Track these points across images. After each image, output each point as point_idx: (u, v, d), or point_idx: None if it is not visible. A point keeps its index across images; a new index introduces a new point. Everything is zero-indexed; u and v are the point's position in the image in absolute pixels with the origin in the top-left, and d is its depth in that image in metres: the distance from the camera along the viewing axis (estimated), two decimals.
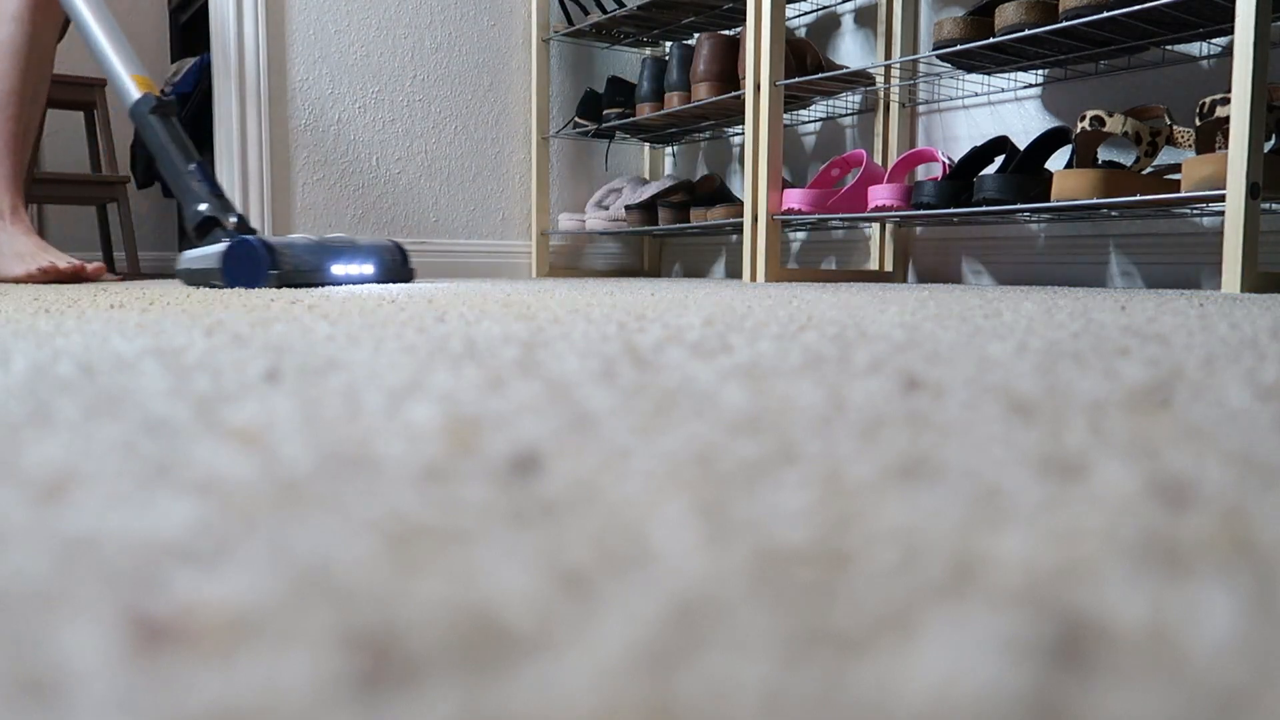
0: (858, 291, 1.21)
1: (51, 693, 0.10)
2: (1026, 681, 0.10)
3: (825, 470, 0.20)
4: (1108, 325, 0.58)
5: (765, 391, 0.30)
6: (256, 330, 0.52)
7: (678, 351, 0.42)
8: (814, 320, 0.62)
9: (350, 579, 0.13)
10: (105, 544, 0.14)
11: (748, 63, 1.75)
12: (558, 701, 0.09)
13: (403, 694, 0.10)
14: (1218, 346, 0.45)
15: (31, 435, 0.23)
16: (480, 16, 2.25)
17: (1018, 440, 0.23)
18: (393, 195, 2.18)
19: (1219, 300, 0.95)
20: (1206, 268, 1.50)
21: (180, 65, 2.52)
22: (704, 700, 0.09)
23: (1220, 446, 0.22)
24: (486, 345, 0.44)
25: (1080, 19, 1.34)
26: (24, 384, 0.31)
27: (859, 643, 0.11)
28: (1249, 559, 0.14)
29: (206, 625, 0.11)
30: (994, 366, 0.37)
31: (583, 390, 0.30)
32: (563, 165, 2.38)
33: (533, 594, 0.12)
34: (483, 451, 0.21)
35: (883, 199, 1.64)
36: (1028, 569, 0.14)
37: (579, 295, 1.02)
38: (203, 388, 0.31)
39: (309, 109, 2.07)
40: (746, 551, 0.14)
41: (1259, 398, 0.29)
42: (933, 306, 0.80)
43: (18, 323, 0.59)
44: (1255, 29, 1.14)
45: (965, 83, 1.79)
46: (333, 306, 0.76)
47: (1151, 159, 1.37)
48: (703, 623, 0.12)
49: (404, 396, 0.29)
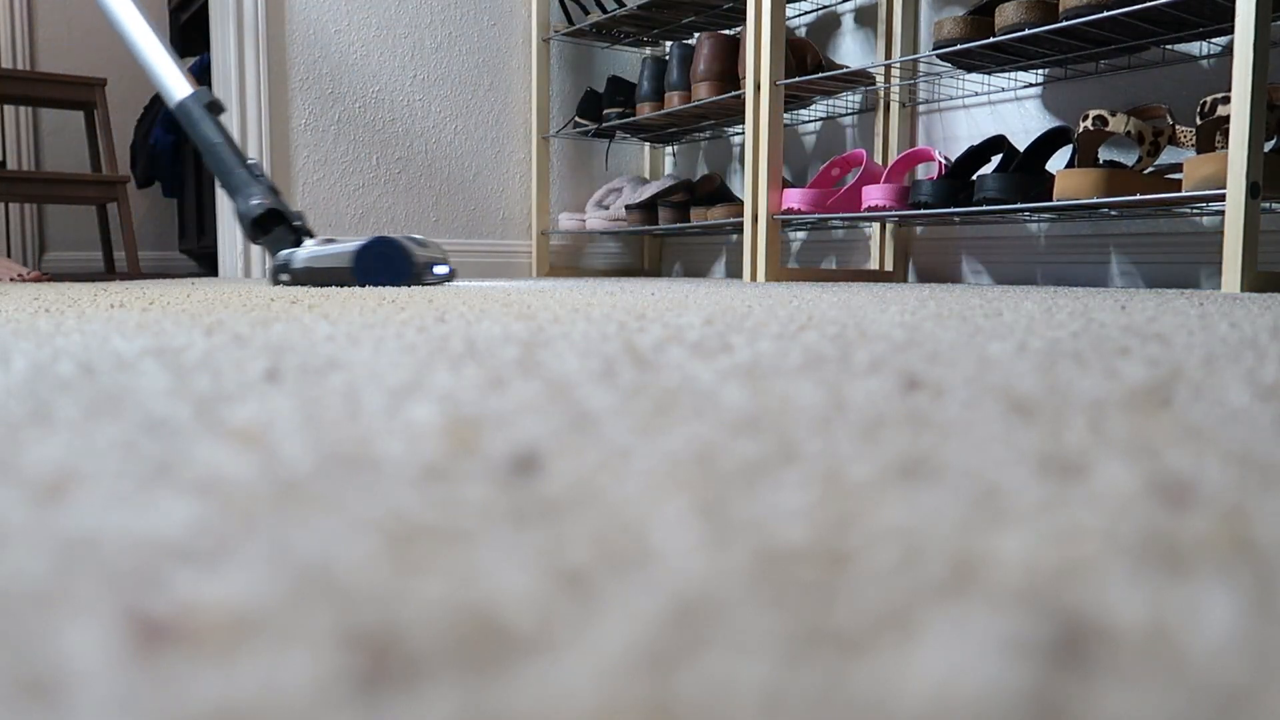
0: (858, 291, 1.21)
1: (52, 693, 0.10)
2: (1026, 681, 0.10)
3: (825, 470, 0.20)
4: (1108, 325, 0.58)
5: (765, 391, 0.30)
6: (256, 330, 0.52)
7: (678, 351, 0.42)
8: (814, 320, 0.62)
9: (350, 579, 0.13)
10: (105, 544, 0.14)
11: (748, 62, 1.75)
12: (558, 701, 0.09)
13: (403, 694, 0.10)
14: (1218, 346, 0.45)
15: (31, 435, 0.23)
16: (480, 16, 2.25)
17: (1018, 440, 0.23)
18: (393, 195, 2.18)
19: (1219, 300, 0.95)
20: (1206, 267, 1.50)
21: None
22: (704, 700, 0.09)
23: (1220, 446, 0.22)
24: (487, 345, 0.44)
25: (1080, 18, 1.34)
26: (24, 384, 0.31)
27: (859, 643, 0.11)
28: (1249, 559, 0.14)
29: (207, 625, 0.11)
30: (994, 366, 0.37)
31: (583, 390, 0.30)
32: (563, 165, 2.38)
33: (533, 594, 0.12)
34: (483, 451, 0.21)
35: (877, 199, 1.63)
36: (1028, 569, 0.14)
37: (579, 295, 1.02)
38: (203, 387, 0.31)
39: (309, 108, 2.07)
40: (746, 551, 0.14)
41: (1259, 397, 0.29)
42: (933, 306, 0.80)
43: (18, 322, 0.59)
44: (1255, 29, 1.14)
45: (965, 82, 1.79)
46: (333, 306, 0.76)
47: (1153, 159, 1.37)
48: (703, 623, 0.12)
49: (404, 396, 0.29)
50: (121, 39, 1.51)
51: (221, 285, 1.40)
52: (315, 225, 2.10)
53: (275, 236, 1.36)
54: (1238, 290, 1.17)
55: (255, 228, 1.36)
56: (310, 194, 2.09)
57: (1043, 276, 1.72)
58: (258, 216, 1.35)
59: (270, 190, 1.38)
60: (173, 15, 2.87)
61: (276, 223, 1.37)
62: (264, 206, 1.35)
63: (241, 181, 1.38)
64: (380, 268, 1.28)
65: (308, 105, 2.07)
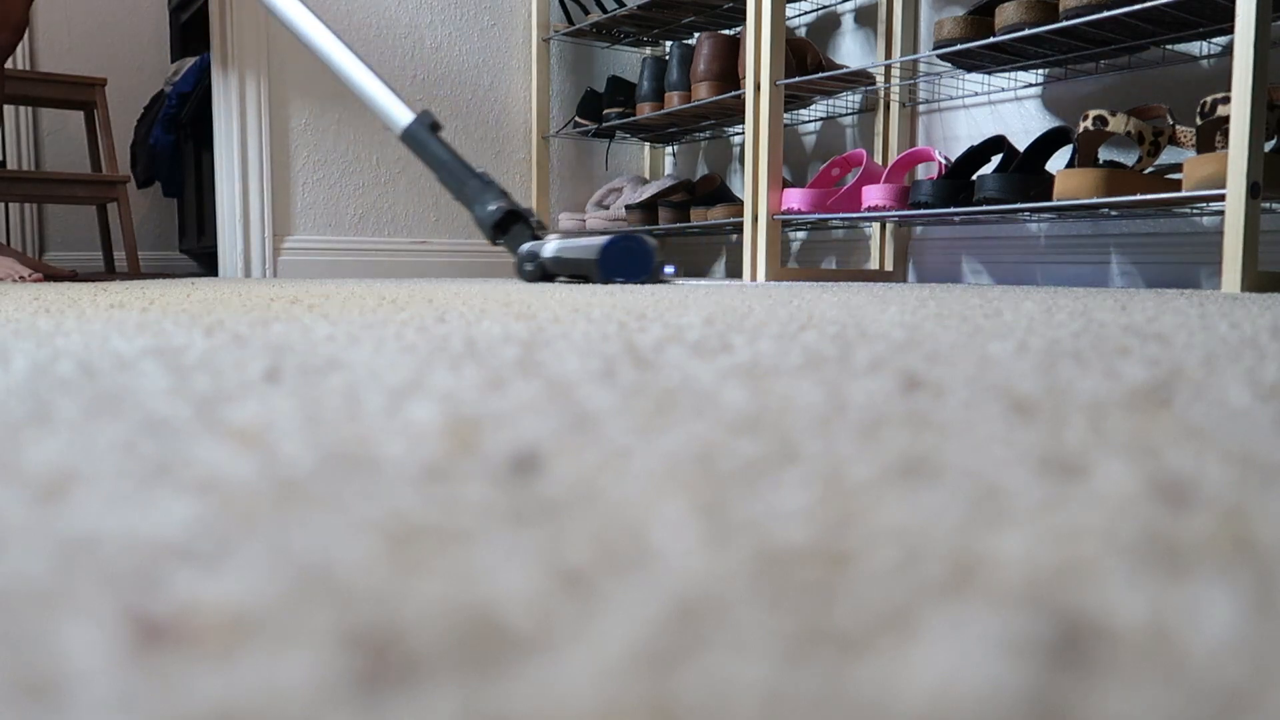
0: (858, 291, 1.21)
1: (51, 693, 0.10)
2: (1026, 681, 0.10)
3: (825, 470, 0.20)
4: (1108, 325, 0.58)
5: (766, 391, 0.30)
6: (256, 330, 0.52)
7: (678, 351, 0.42)
8: (814, 320, 0.62)
9: (350, 579, 0.13)
10: (105, 544, 0.14)
11: (748, 62, 1.75)
12: (558, 701, 0.09)
13: (403, 694, 0.10)
14: (1218, 346, 0.45)
15: (31, 435, 0.23)
16: (480, 16, 2.25)
17: (1018, 440, 0.23)
18: (393, 195, 2.18)
19: (1219, 300, 0.95)
20: (1206, 267, 1.50)
21: (180, 65, 2.52)
22: (704, 700, 0.09)
23: (1220, 446, 0.22)
24: (487, 345, 0.44)
25: (1080, 18, 1.34)
26: (24, 383, 0.31)
27: (859, 643, 0.11)
28: (1249, 559, 0.14)
29: (206, 625, 0.11)
30: (994, 366, 0.37)
31: (583, 390, 0.30)
32: (563, 165, 2.38)
33: (533, 594, 0.12)
34: (483, 451, 0.21)
35: (876, 199, 1.64)
36: (1028, 569, 0.14)
37: (579, 295, 1.02)
38: (203, 387, 0.31)
39: (309, 108, 2.07)
40: (747, 551, 0.14)
41: (1259, 397, 0.29)
42: (933, 306, 0.80)
43: (18, 322, 0.59)
44: (1255, 29, 1.14)
45: (965, 82, 1.79)
46: (333, 306, 0.76)
47: (1154, 159, 1.37)
48: (703, 623, 0.12)
49: (404, 396, 0.29)
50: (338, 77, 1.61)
51: (221, 285, 1.40)
52: (315, 225, 2.10)
53: (514, 234, 1.47)
54: (1238, 290, 1.17)
55: (496, 229, 1.47)
56: (310, 194, 2.09)
57: (1043, 276, 1.72)
58: (497, 220, 1.47)
59: (502, 194, 1.49)
60: (173, 15, 2.87)
61: (514, 222, 1.47)
62: (501, 210, 1.46)
63: (475, 191, 1.50)
64: (625, 263, 1.32)
65: (308, 105, 2.07)
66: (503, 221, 1.48)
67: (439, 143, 1.53)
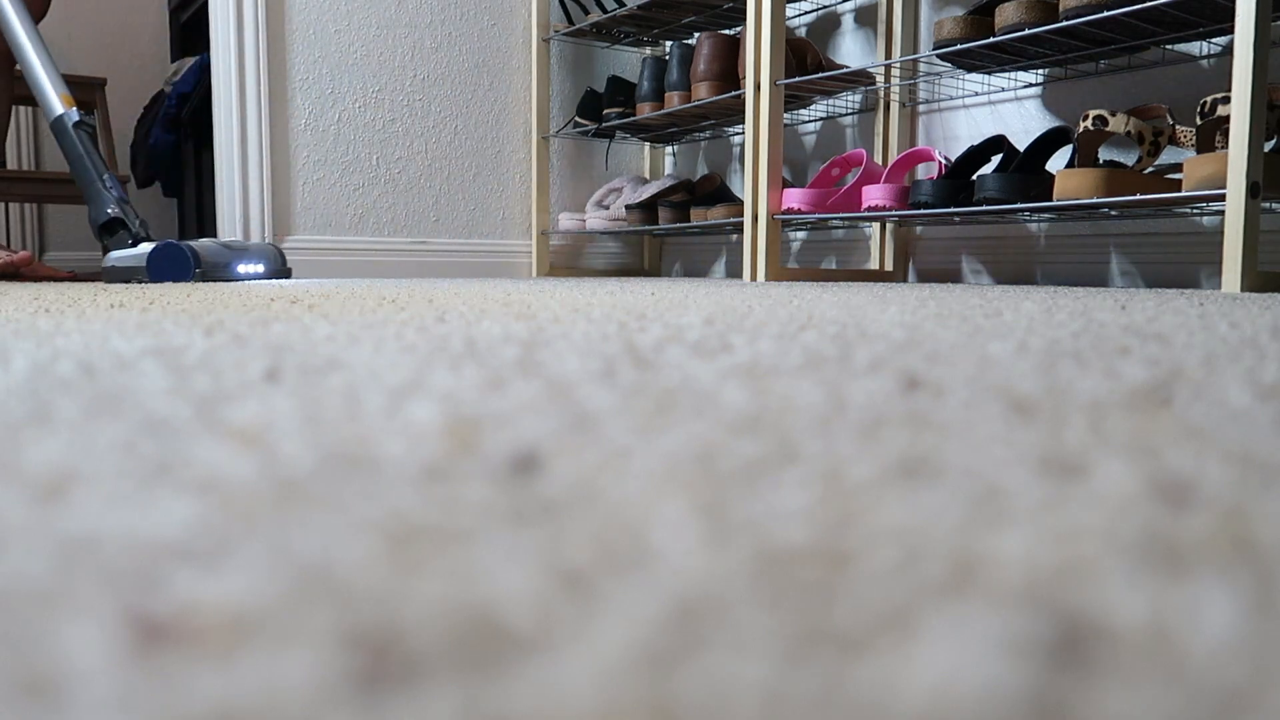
0: (858, 291, 1.21)
1: (51, 693, 0.10)
2: (1026, 681, 0.10)
3: (825, 470, 0.20)
4: (1108, 325, 0.58)
5: (766, 391, 0.30)
6: (256, 330, 0.52)
7: (678, 351, 0.42)
8: (814, 320, 0.62)
9: (350, 579, 0.13)
10: (105, 544, 0.14)
11: (748, 62, 1.75)
12: (558, 701, 0.09)
13: (403, 694, 0.10)
14: (1218, 346, 0.45)
15: (31, 435, 0.23)
16: (480, 16, 2.25)
17: (1018, 440, 0.23)
18: (393, 195, 2.18)
19: (1219, 300, 0.95)
20: (1206, 267, 1.50)
21: (180, 65, 2.52)
22: (704, 700, 0.09)
23: (1220, 446, 0.22)
24: (487, 345, 0.44)
25: (1080, 18, 1.34)
26: (24, 383, 0.31)
27: (859, 643, 0.11)
28: (1249, 559, 0.14)
29: (206, 625, 0.11)
30: (994, 366, 0.37)
31: (583, 390, 0.30)
32: (563, 165, 2.38)
33: (533, 594, 0.12)
34: (483, 451, 0.21)
35: (876, 199, 1.64)
36: (1028, 569, 0.14)
37: (579, 295, 1.02)
38: (203, 387, 0.31)
39: (309, 109, 2.07)
40: (747, 551, 0.14)
41: (1259, 397, 0.29)
42: (933, 306, 0.80)
43: (18, 322, 0.59)
44: (1255, 29, 1.14)
45: (965, 82, 1.79)
46: (333, 306, 0.76)
47: (1154, 159, 1.37)
48: (703, 623, 0.12)
49: (404, 396, 0.29)
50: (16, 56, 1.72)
51: (221, 285, 1.40)
52: (315, 225, 2.10)
53: (116, 240, 1.62)
54: (1238, 290, 1.17)
55: (102, 230, 1.63)
56: (310, 194, 2.09)
57: (1043, 276, 1.72)
58: (104, 223, 1.62)
59: (122, 201, 1.64)
60: (173, 15, 2.87)
61: (119, 228, 1.62)
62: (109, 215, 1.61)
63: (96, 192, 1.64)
64: (168, 268, 1.50)
65: (308, 105, 2.07)
66: (109, 224, 1.62)
67: (77, 139, 1.64)
